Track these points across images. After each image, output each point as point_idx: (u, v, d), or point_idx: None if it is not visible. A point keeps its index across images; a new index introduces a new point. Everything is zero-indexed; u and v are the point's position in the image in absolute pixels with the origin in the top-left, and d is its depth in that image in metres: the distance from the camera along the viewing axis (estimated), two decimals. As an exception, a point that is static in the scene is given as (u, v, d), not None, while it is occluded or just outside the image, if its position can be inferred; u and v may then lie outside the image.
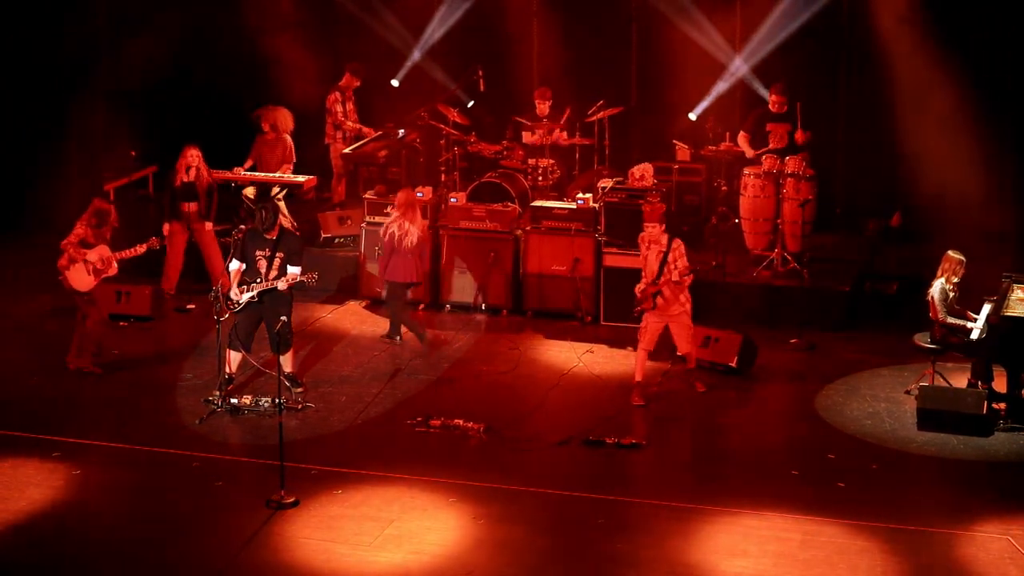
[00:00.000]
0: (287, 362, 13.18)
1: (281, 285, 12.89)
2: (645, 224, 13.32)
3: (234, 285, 13.00)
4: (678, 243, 13.21)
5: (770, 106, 16.13)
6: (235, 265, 13.05)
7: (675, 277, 13.03)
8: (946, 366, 13.36)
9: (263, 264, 12.97)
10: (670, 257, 13.09)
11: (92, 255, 13.76)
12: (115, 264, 13.89)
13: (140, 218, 16.76)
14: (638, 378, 13.33)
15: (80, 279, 13.81)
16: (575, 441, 12.37)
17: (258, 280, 12.94)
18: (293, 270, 12.93)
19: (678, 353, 13.47)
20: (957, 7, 16.47)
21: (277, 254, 12.97)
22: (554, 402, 13.43)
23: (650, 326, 13.24)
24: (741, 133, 16.32)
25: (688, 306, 13.23)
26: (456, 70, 18.14)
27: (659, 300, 13.08)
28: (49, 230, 17.74)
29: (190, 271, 15.90)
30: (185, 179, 15.66)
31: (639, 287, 13.26)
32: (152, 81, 18.76)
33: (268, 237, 12.98)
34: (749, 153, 16.12)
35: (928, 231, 16.20)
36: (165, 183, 15.81)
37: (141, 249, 14.13)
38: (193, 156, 15.69)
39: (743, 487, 11.62)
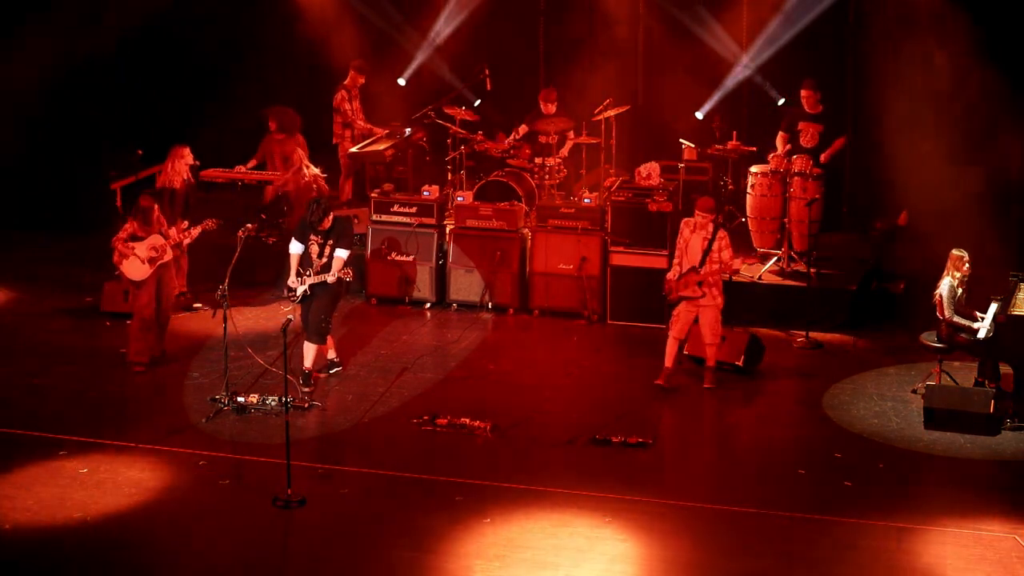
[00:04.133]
0: (310, 355, 13.30)
1: (330, 279, 13.18)
2: (697, 211, 13.33)
3: (294, 269, 13.28)
4: (724, 233, 13.32)
5: (803, 104, 16.02)
6: (296, 248, 13.35)
7: (728, 268, 13.33)
8: (953, 365, 13.36)
9: (315, 250, 13.28)
10: (715, 246, 13.17)
11: (142, 247, 13.89)
12: (170, 250, 14.06)
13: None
14: (668, 364, 13.36)
15: (134, 270, 13.99)
16: (582, 440, 12.37)
17: (309, 271, 13.20)
18: (340, 253, 13.21)
19: (705, 342, 13.40)
20: (965, 6, 16.46)
21: (329, 241, 13.25)
22: (561, 401, 13.43)
23: (683, 315, 13.31)
24: (780, 134, 16.16)
25: (719, 300, 13.29)
26: (463, 69, 18.14)
27: (705, 288, 13.17)
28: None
29: (197, 271, 15.87)
30: (189, 179, 15.65)
31: (671, 274, 13.30)
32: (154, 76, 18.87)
33: (321, 228, 13.22)
34: (781, 151, 15.97)
35: (935, 230, 16.17)
36: (165, 192, 15.73)
37: (195, 232, 14.38)
38: (189, 155, 15.69)
39: (750, 486, 11.62)
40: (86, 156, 18.64)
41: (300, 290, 13.26)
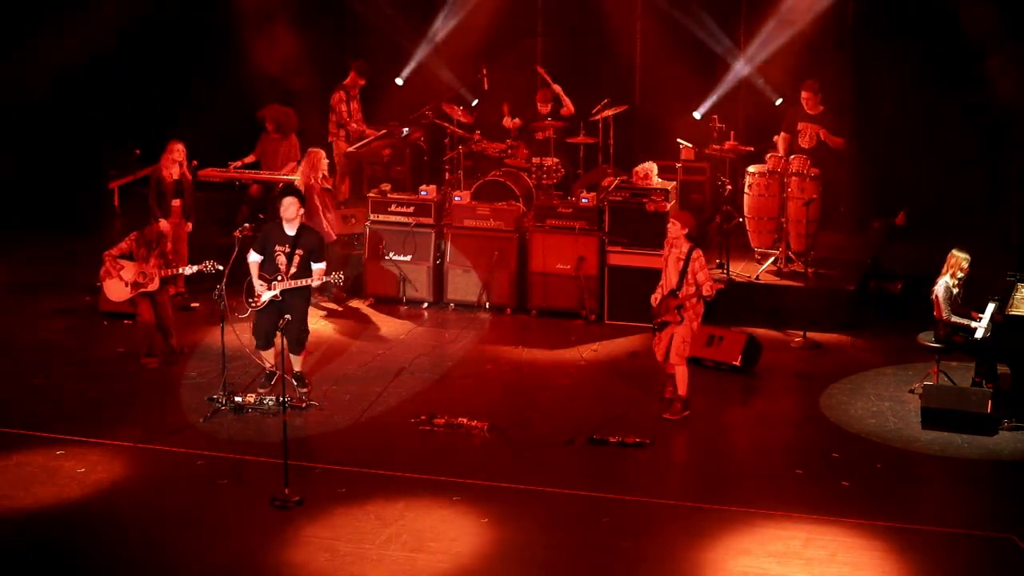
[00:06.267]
0: (297, 362, 13.23)
1: (315, 283, 13.01)
2: (669, 219, 13.06)
3: (255, 279, 13.06)
4: (698, 254, 12.69)
5: (803, 104, 16.03)
6: (254, 258, 13.10)
7: (706, 291, 12.62)
8: (951, 365, 13.36)
9: (282, 259, 13.02)
10: (690, 268, 12.67)
11: (130, 269, 13.89)
12: (157, 280, 13.97)
13: (144, 217, 16.72)
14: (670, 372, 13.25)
15: (114, 290, 14.05)
16: (579, 440, 12.37)
17: (278, 277, 12.98)
18: (318, 266, 13.01)
19: (670, 361, 12.90)
20: (963, 8, 16.47)
21: (297, 251, 13.02)
22: (558, 401, 13.43)
23: (663, 340, 12.87)
24: (782, 134, 16.16)
25: (695, 324, 12.84)
26: (461, 69, 18.15)
27: (684, 313, 12.72)
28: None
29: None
30: (175, 175, 15.60)
31: (655, 296, 12.93)
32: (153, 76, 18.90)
33: (288, 233, 13.03)
34: (782, 151, 15.97)
35: (933, 230, 16.19)
36: (151, 180, 15.73)
37: (187, 271, 14.09)
38: (180, 151, 15.65)
39: (747, 486, 11.62)
40: (86, 156, 18.66)
41: (267, 296, 12.98)
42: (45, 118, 18.68)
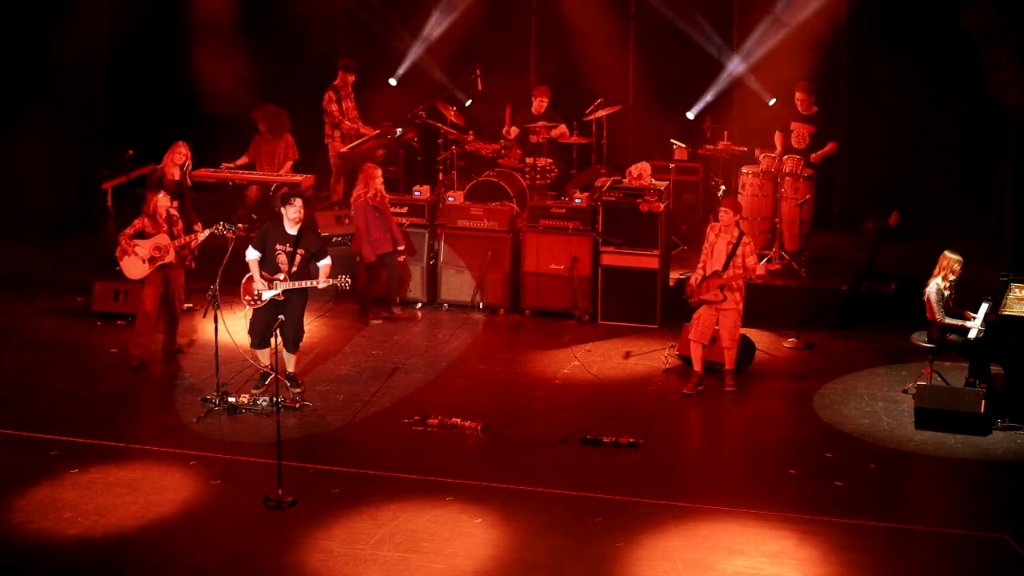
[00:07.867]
0: (291, 362, 13.23)
1: (322, 284, 13.00)
2: (719, 209, 13.38)
3: (257, 276, 13.03)
4: (749, 239, 13.32)
5: (797, 104, 16.06)
6: (253, 255, 13.09)
7: (760, 271, 13.26)
8: (944, 365, 13.37)
9: (283, 259, 13.02)
10: (739, 251, 13.18)
11: (145, 246, 13.91)
12: (172, 252, 14.00)
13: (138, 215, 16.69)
14: (697, 368, 13.40)
15: (133, 268, 14.06)
16: (572, 440, 12.37)
17: (280, 276, 12.97)
18: (325, 262, 13.07)
19: (724, 346, 13.42)
20: (959, 7, 16.48)
21: (298, 251, 13.01)
22: (552, 401, 13.43)
23: (703, 317, 13.31)
24: (777, 133, 16.19)
25: (741, 305, 13.31)
26: (454, 69, 18.13)
27: (726, 292, 13.20)
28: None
29: (189, 271, 15.83)
30: (176, 176, 15.55)
31: (694, 278, 13.32)
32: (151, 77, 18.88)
33: (290, 232, 13.03)
34: (780, 150, 16.01)
35: (926, 230, 16.21)
36: (153, 180, 15.68)
37: (201, 236, 14.10)
38: (183, 154, 15.54)
39: (740, 486, 11.63)
40: (83, 156, 18.62)
41: (269, 294, 13.00)
42: (44, 118, 18.63)
